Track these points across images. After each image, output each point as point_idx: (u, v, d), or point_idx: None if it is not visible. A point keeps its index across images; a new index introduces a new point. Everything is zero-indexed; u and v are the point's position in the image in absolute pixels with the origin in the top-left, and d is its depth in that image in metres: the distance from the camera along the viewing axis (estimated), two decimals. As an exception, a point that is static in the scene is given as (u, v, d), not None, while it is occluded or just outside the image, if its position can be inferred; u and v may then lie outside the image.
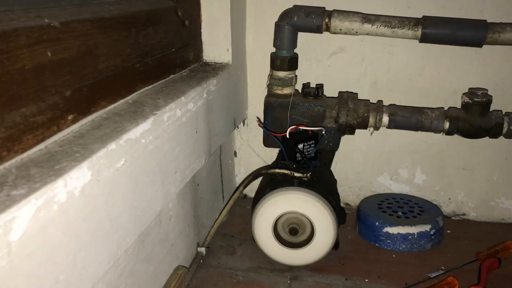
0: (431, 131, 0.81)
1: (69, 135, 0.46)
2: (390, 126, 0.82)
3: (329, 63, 0.91)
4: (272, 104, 0.83)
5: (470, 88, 0.81)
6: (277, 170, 0.76)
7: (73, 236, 0.40)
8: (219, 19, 0.81)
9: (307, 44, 0.88)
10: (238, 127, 0.97)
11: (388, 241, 0.83)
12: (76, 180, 0.39)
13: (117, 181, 0.46)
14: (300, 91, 0.85)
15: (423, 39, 0.76)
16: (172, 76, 0.70)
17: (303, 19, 0.79)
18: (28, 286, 0.35)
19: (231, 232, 0.88)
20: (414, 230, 0.82)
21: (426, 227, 0.83)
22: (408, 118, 0.81)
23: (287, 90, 0.83)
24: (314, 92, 0.83)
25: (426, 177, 0.95)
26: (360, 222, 0.88)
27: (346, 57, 0.90)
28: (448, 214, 0.96)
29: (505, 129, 0.78)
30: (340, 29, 0.78)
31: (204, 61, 0.84)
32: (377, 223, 0.84)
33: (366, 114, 0.81)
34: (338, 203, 0.78)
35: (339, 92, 0.86)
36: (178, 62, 0.73)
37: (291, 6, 0.81)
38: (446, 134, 0.81)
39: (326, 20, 0.78)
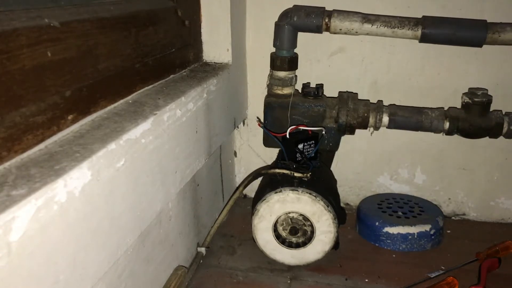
0: (431, 131, 0.81)
1: (69, 135, 0.46)
2: (390, 126, 0.82)
3: (329, 63, 0.91)
4: (272, 104, 0.83)
5: (470, 88, 0.81)
6: (277, 170, 0.76)
7: (73, 236, 0.40)
8: (219, 19, 0.81)
9: (307, 44, 0.88)
10: (238, 127, 0.97)
11: (388, 241, 0.83)
12: (76, 180, 0.39)
13: (117, 181, 0.46)
14: (300, 91, 0.85)
15: (423, 39, 0.76)
16: (172, 76, 0.70)
17: (303, 19, 0.79)
18: (28, 286, 0.35)
19: (231, 232, 0.88)
20: (414, 230, 0.82)
21: (426, 227, 0.83)
22: (408, 118, 0.81)
23: (287, 90, 0.83)
24: (314, 92, 0.83)
25: (426, 177, 0.95)
26: (360, 222, 0.88)
27: (346, 57, 0.90)
28: (448, 214, 0.96)
29: (505, 129, 0.78)
30: (340, 29, 0.78)
31: (204, 61, 0.84)
32: (377, 223, 0.84)
33: (366, 114, 0.81)
34: (338, 203, 0.78)
35: (339, 92, 0.86)
36: (178, 62, 0.73)
37: (291, 6, 0.81)
38: (446, 134, 0.81)
39: (326, 20, 0.78)
